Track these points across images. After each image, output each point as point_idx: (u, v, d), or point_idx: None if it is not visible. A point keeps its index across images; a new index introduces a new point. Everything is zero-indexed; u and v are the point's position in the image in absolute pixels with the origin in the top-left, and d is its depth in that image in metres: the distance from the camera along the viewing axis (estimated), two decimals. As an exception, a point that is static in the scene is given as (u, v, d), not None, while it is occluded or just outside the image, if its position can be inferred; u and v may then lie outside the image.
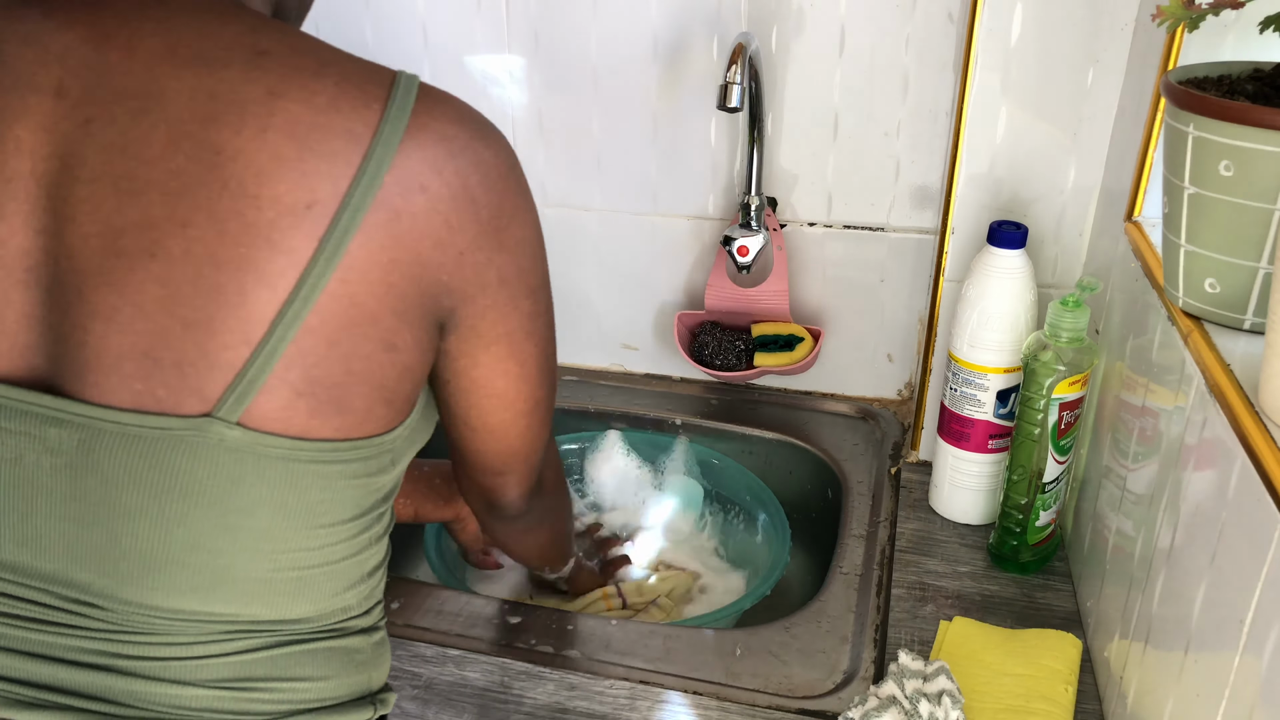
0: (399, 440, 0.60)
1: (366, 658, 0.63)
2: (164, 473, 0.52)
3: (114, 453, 0.53)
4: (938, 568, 0.92)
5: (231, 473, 0.53)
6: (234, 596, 0.56)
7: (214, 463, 0.52)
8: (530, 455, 0.70)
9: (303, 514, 0.56)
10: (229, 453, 0.52)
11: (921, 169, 1.06)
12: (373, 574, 0.63)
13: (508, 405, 0.65)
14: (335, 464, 0.56)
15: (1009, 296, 0.89)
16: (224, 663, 0.57)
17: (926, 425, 1.06)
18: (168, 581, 0.54)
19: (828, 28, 1.02)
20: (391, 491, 0.62)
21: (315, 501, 0.56)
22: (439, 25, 1.12)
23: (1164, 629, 0.64)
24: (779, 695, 0.79)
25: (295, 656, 0.59)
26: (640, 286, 1.21)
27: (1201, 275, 0.63)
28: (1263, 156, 0.56)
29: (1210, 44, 0.72)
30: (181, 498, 0.53)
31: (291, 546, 0.56)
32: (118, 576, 0.54)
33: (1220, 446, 0.56)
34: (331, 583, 0.59)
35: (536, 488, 0.75)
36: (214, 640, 0.56)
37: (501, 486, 0.72)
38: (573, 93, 1.12)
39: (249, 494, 0.53)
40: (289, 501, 0.55)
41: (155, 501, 0.53)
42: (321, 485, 0.55)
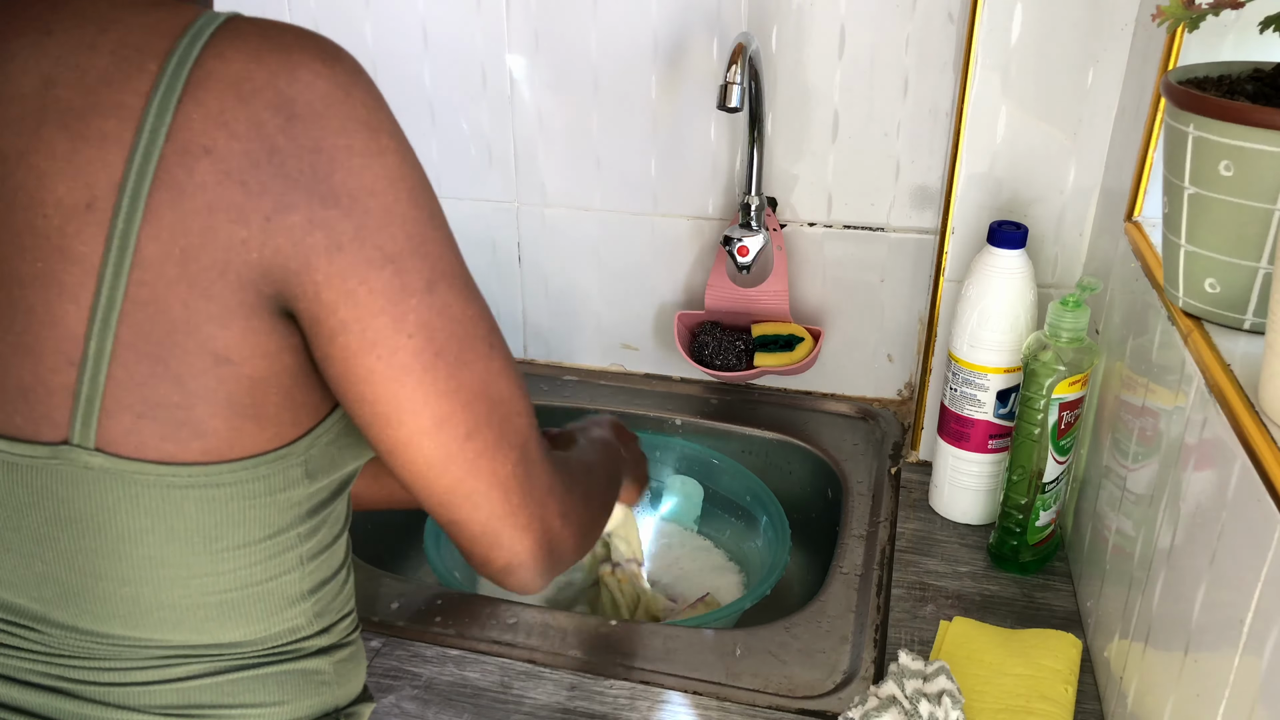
0: (312, 451, 0.53)
1: (329, 678, 0.59)
2: (48, 500, 0.50)
3: (3, 479, 0.50)
4: (938, 568, 0.92)
5: (106, 500, 0.49)
6: (155, 623, 0.52)
7: (87, 490, 0.49)
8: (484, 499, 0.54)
9: (197, 539, 0.51)
10: (97, 479, 0.49)
11: (921, 169, 1.06)
12: (316, 591, 0.57)
13: (391, 420, 0.51)
14: (219, 487, 0.50)
15: (1009, 296, 0.89)
16: (168, 689, 0.54)
17: (926, 425, 1.06)
18: (89, 608, 0.52)
19: (828, 28, 1.02)
20: (321, 505, 0.56)
21: (208, 525, 0.51)
22: (439, 25, 1.12)
23: (1164, 629, 0.64)
24: (779, 695, 0.79)
25: (243, 682, 0.55)
26: (640, 286, 1.21)
27: (1201, 275, 0.63)
28: (1263, 156, 0.56)
29: (1210, 44, 0.72)
30: (69, 526, 0.50)
31: (196, 572, 0.52)
32: (44, 601, 0.53)
33: (1220, 446, 0.56)
34: (259, 605, 0.54)
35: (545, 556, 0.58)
36: (154, 666, 0.54)
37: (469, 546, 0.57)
38: (573, 93, 1.12)
39: (130, 521, 0.50)
40: (175, 527, 0.50)
41: (50, 529, 0.50)
42: (210, 509, 0.50)
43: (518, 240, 1.21)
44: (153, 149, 0.45)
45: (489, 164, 1.18)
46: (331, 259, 0.47)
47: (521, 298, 1.25)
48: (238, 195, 0.45)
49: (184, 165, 0.45)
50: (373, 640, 0.84)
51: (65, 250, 0.46)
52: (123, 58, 0.46)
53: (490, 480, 0.54)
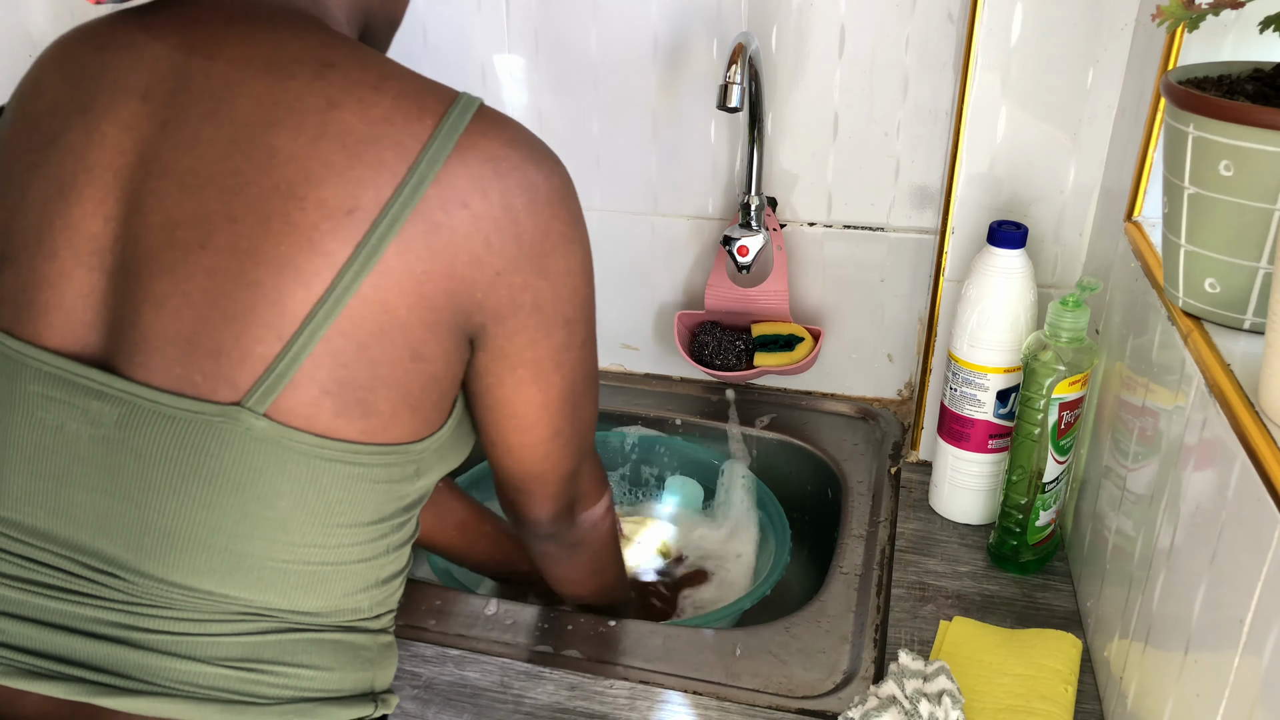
0: (426, 452, 0.61)
1: (373, 655, 0.65)
2: (193, 455, 0.55)
3: (149, 431, 0.55)
4: (938, 568, 0.92)
5: (255, 462, 0.55)
6: (249, 582, 0.57)
7: (239, 450, 0.54)
8: (551, 480, 0.70)
9: (321, 510, 0.57)
10: (254, 442, 0.54)
11: (921, 169, 1.06)
12: (388, 581, 0.64)
13: (527, 429, 0.65)
14: (357, 465, 0.57)
15: (1009, 296, 0.89)
16: (235, 642, 0.58)
17: (926, 425, 1.06)
18: (188, 560, 0.56)
19: (828, 28, 1.02)
20: (416, 502, 0.64)
21: (334, 500, 0.57)
22: (439, 25, 1.12)
23: (1164, 629, 0.64)
24: (779, 695, 0.79)
25: (303, 644, 0.60)
26: (640, 286, 1.21)
27: (1201, 275, 0.63)
28: (1263, 156, 0.56)
29: (1210, 44, 0.72)
30: (207, 481, 0.55)
31: (308, 541, 0.57)
32: (141, 551, 0.56)
33: (1220, 446, 0.56)
34: (344, 582, 0.60)
35: (565, 514, 0.75)
36: (227, 620, 0.58)
37: (523, 503, 0.73)
38: (573, 93, 1.12)
39: (270, 485, 0.55)
40: (308, 497, 0.56)
41: (182, 482, 0.55)
42: (342, 485, 0.57)
43: (518, 240, 1.21)
44: (420, 187, 0.54)
45: (489, 164, 1.17)
46: (532, 314, 0.60)
47: (521, 298, 1.25)
48: (480, 248, 0.56)
49: (444, 209, 0.54)
50: (373, 640, 0.84)
51: (314, 243, 0.53)
52: (403, 107, 0.55)
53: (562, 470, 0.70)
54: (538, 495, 0.71)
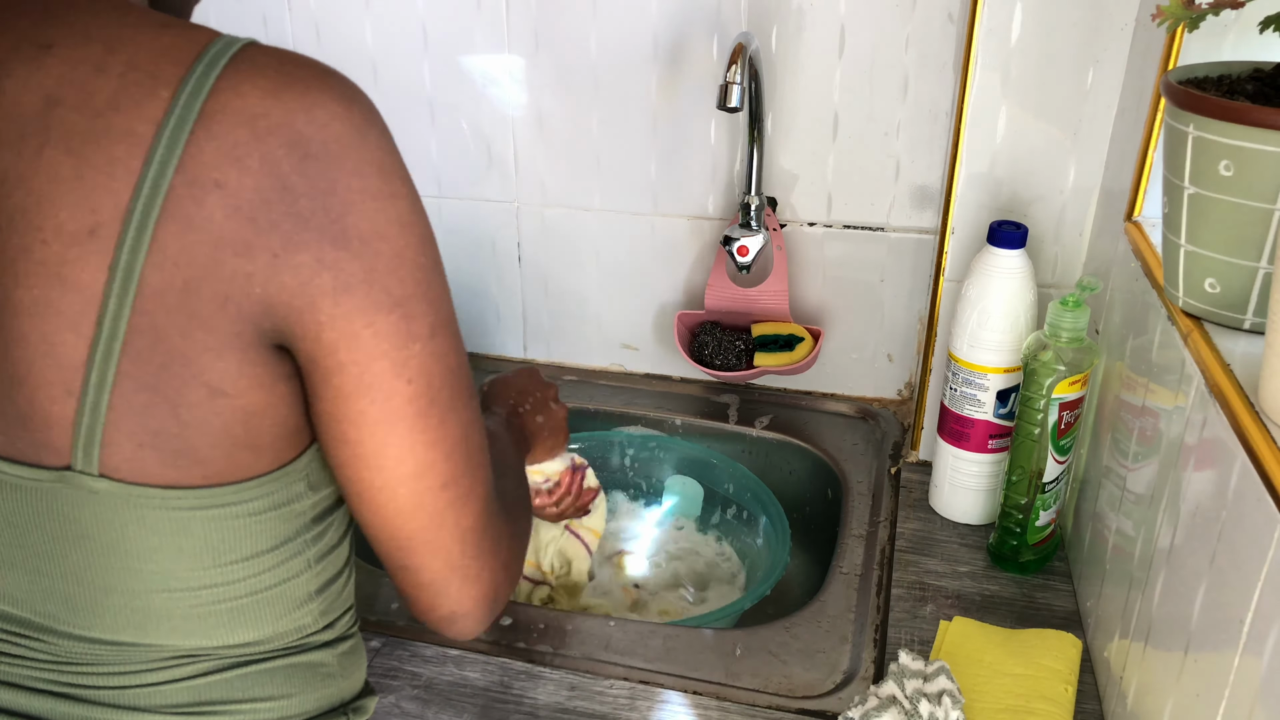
0: (313, 464, 0.53)
1: (333, 670, 0.60)
2: (54, 520, 0.50)
3: (7, 499, 0.50)
4: (938, 568, 0.92)
5: (114, 520, 0.49)
6: (167, 630, 0.53)
7: (94, 512, 0.49)
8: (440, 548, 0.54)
9: (205, 554, 0.51)
10: (103, 502, 0.48)
11: (921, 169, 1.06)
12: (323, 590, 0.58)
13: (371, 463, 0.50)
14: (221, 508, 0.50)
15: (1009, 296, 0.89)
16: (178, 688, 0.54)
17: (926, 425, 1.06)
18: (97, 620, 0.52)
19: (828, 28, 1.02)
20: (326, 511, 0.56)
21: (215, 541, 0.51)
22: (439, 25, 1.12)
23: (1164, 629, 0.64)
24: (779, 695, 0.79)
25: (252, 677, 0.56)
26: (640, 286, 1.21)
27: (1201, 275, 0.63)
28: (1263, 156, 0.56)
29: (1210, 44, 0.72)
30: (77, 544, 0.50)
31: (206, 583, 0.52)
32: (51, 617, 0.53)
33: (1220, 446, 0.56)
34: (270, 609, 0.55)
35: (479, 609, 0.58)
36: (163, 667, 0.54)
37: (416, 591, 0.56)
38: (573, 93, 1.12)
39: (138, 541, 0.50)
40: (183, 545, 0.50)
41: (57, 546, 0.50)
42: (215, 526, 0.50)
43: (518, 240, 1.21)
44: (162, 179, 0.44)
45: (489, 164, 1.18)
46: (338, 300, 0.46)
47: (521, 298, 1.25)
48: (246, 231, 0.45)
49: (193, 197, 0.44)
50: (373, 640, 0.84)
51: (65, 278, 0.45)
52: (133, 82, 0.45)
53: (453, 532, 0.54)
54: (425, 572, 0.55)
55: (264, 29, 1.17)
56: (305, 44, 1.16)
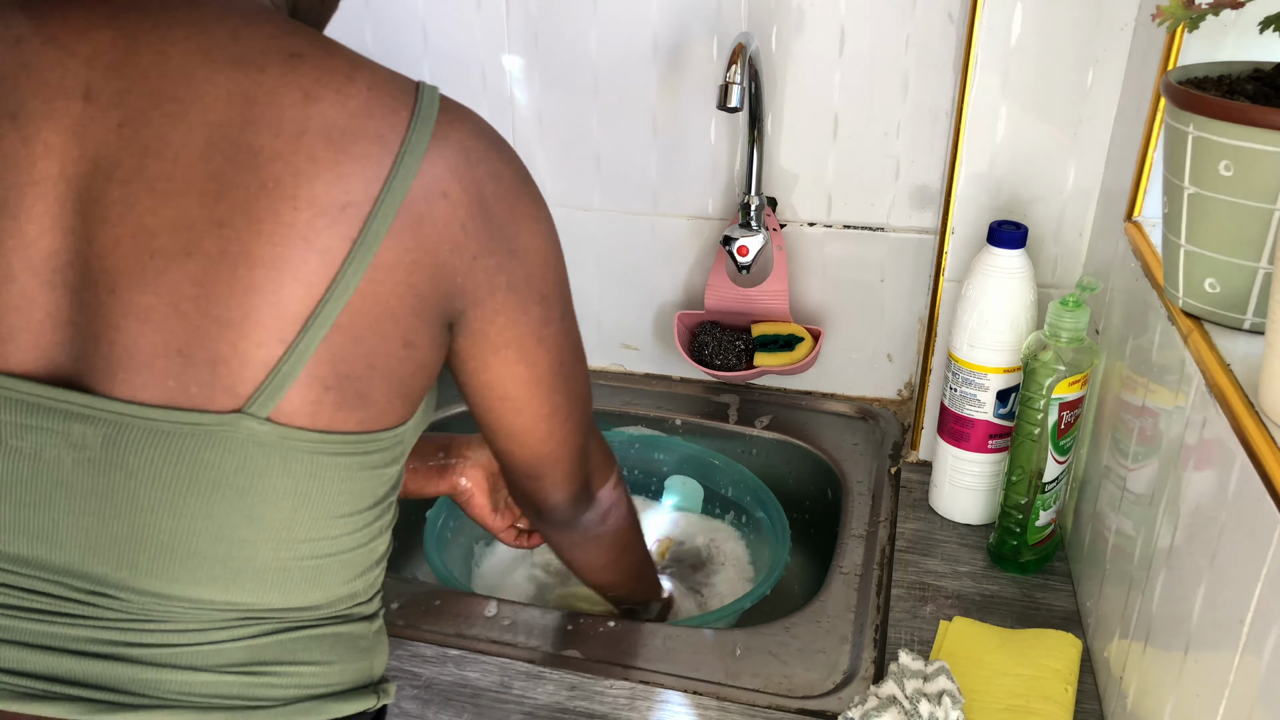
0: (409, 432, 0.62)
1: (368, 644, 0.64)
2: (191, 467, 0.54)
3: (140, 448, 0.53)
4: (938, 568, 0.92)
5: (259, 466, 0.54)
6: (253, 586, 0.57)
7: (243, 457, 0.54)
8: (561, 460, 0.71)
9: (324, 504, 0.57)
10: (258, 447, 0.54)
11: (921, 169, 1.06)
12: (380, 562, 0.64)
13: (521, 409, 0.66)
14: (356, 455, 0.57)
15: (1009, 296, 0.89)
16: (236, 647, 0.57)
17: (926, 425, 1.06)
18: (188, 572, 0.55)
19: (828, 28, 1.02)
20: (399, 481, 0.64)
21: (336, 492, 0.57)
22: (439, 25, 1.12)
23: (1164, 629, 0.64)
24: (779, 695, 0.79)
25: (302, 641, 0.60)
26: (640, 286, 1.21)
27: (1201, 275, 0.63)
28: (1263, 156, 0.56)
29: (1210, 44, 0.72)
30: (208, 490, 0.54)
31: (312, 535, 0.57)
32: (137, 568, 0.55)
33: (1220, 446, 0.56)
34: (344, 570, 0.60)
35: (583, 493, 0.76)
36: (227, 626, 0.57)
37: (537, 490, 0.73)
38: (573, 93, 1.12)
39: (275, 486, 0.55)
40: (311, 492, 0.56)
41: (180, 495, 0.54)
42: (342, 477, 0.57)
43: (518, 240, 1.21)
44: (406, 179, 0.54)
45: (489, 164, 1.17)
46: (509, 293, 0.60)
47: (521, 298, 1.25)
48: (459, 235, 0.56)
49: (427, 199, 0.55)
50: (373, 640, 0.84)
51: (310, 241, 0.52)
52: (377, 97, 0.55)
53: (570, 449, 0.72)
54: (550, 478, 0.72)
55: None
56: (305, 44, 1.16)
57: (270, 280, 0.52)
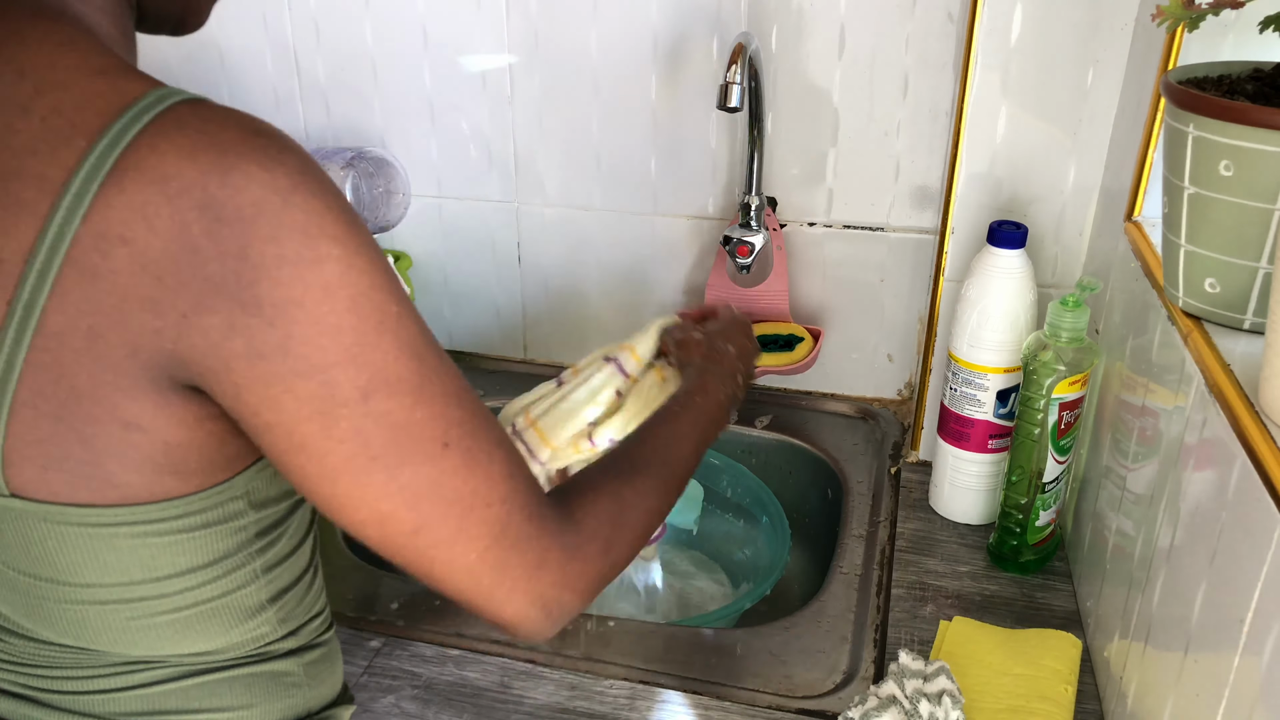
0: (254, 483, 0.52)
1: (298, 680, 0.59)
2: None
3: None
4: (938, 568, 0.92)
5: (32, 535, 0.48)
6: (109, 640, 0.52)
7: (14, 527, 0.48)
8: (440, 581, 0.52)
9: (134, 569, 0.50)
10: (20, 519, 0.48)
11: (921, 169, 1.06)
12: (278, 598, 0.56)
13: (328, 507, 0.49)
14: (144, 524, 0.49)
15: (1009, 296, 0.89)
16: (131, 696, 0.54)
17: (926, 425, 1.06)
18: (43, 624, 0.52)
19: (828, 28, 1.02)
20: (274, 525, 0.55)
21: (144, 557, 0.50)
22: (439, 25, 1.12)
23: (1164, 629, 0.64)
24: (779, 695, 0.79)
25: (209, 686, 0.55)
26: (640, 286, 1.21)
27: (1201, 275, 0.63)
28: (1263, 156, 0.56)
29: (1210, 44, 0.72)
30: (7, 557, 0.50)
31: (141, 595, 0.51)
32: (2, 615, 0.53)
33: (1220, 446, 0.56)
34: (217, 620, 0.54)
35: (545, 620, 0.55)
36: (116, 674, 0.53)
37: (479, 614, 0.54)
38: (573, 93, 1.12)
39: (61, 555, 0.49)
40: (108, 560, 0.49)
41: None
42: (141, 543, 0.49)
43: (518, 240, 1.21)
44: (68, 227, 0.44)
45: (489, 164, 1.18)
46: (252, 365, 0.45)
47: (521, 298, 1.25)
48: (153, 289, 0.44)
49: (99, 249, 0.44)
50: (373, 640, 0.84)
51: None
52: (53, 128, 0.45)
53: (449, 568, 0.51)
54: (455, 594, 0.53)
55: (264, 29, 1.17)
56: (305, 44, 1.16)
57: None
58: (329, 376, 0.46)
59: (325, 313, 0.45)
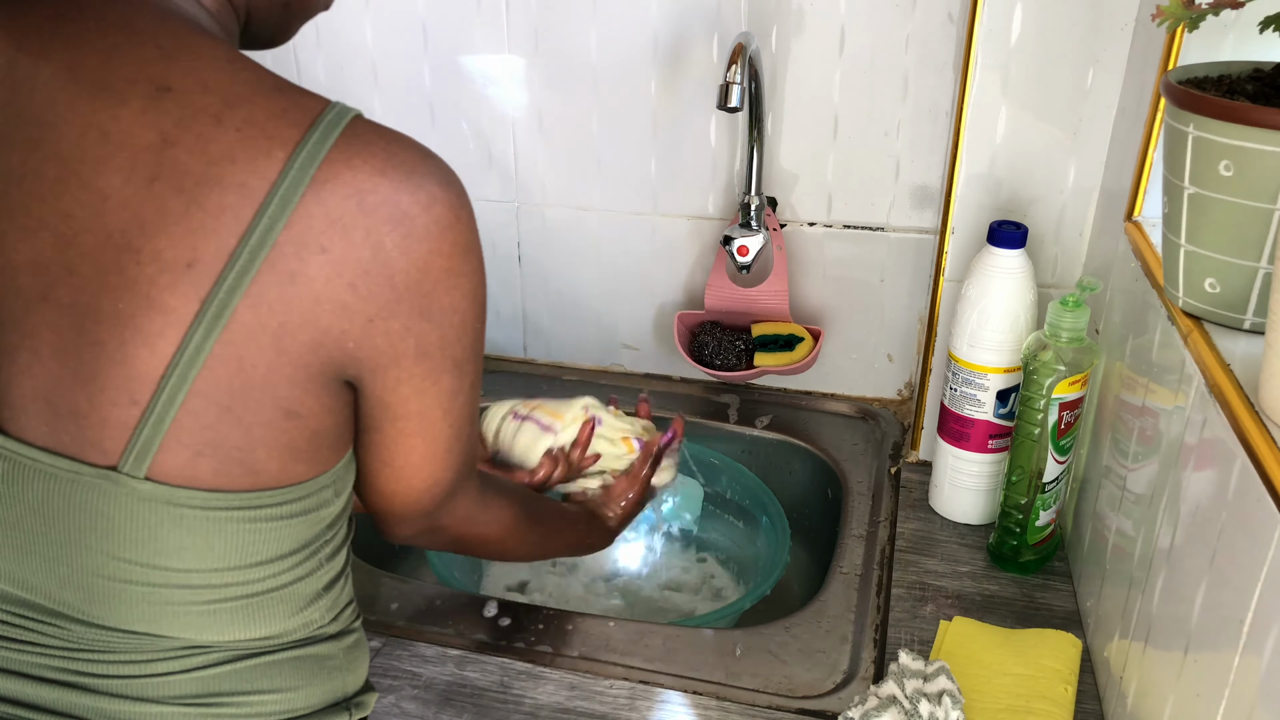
0: (338, 474, 0.57)
1: (339, 663, 0.62)
2: (85, 514, 0.51)
3: (36, 487, 0.51)
4: (938, 568, 0.92)
5: (149, 520, 0.51)
6: (181, 625, 0.54)
7: (129, 510, 0.51)
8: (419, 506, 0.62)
9: (233, 554, 0.53)
10: (143, 503, 0.50)
11: (921, 169, 1.06)
12: (331, 586, 0.60)
13: (404, 478, 0.59)
14: (258, 509, 0.53)
15: (1009, 296, 0.89)
16: (187, 679, 0.55)
17: (926, 425, 1.06)
18: (111, 610, 0.53)
19: (828, 28, 1.02)
20: (341, 513, 0.60)
21: (245, 544, 0.53)
22: (439, 25, 1.12)
23: (1164, 629, 0.64)
24: (779, 695, 0.79)
25: (261, 669, 0.57)
26: (640, 286, 1.21)
27: (1201, 275, 0.63)
28: (1263, 156, 0.56)
29: (1210, 44, 0.72)
30: (104, 537, 0.51)
31: (228, 581, 0.54)
32: (62, 601, 0.53)
33: (1220, 446, 0.56)
34: (284, 606, 0.57)
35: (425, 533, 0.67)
36: (174, 657, 0.55)
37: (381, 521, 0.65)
38: (573, 93, 1.12)
39: (170, 539, 0.51)
40: (214, 545, 0.52)
41: (83, 537, 0.52)
42: (247, 530, 0.53)
43: (518, 240, 1.21)
44: (270, 233, 0.47)
45: (489, 164, 1.18)
46: (416, 361, 0.53)
47: (521, 298, 1.25)
48: (345, 295, 0.49)
49: (299, 256, 0.48)
50: (373, 640, 0.84)
51: (153, 299, 0.48)
52: (249, 138, 0.48)
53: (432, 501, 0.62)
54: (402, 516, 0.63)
55: (264, 29, 1.16)
56: (305, 44, 1.16)
57: (115, 338, 0.48)
58: (462, 369, 0.55)
59: (470, 318, 0.54)
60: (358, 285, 0.49)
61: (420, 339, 0.52)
